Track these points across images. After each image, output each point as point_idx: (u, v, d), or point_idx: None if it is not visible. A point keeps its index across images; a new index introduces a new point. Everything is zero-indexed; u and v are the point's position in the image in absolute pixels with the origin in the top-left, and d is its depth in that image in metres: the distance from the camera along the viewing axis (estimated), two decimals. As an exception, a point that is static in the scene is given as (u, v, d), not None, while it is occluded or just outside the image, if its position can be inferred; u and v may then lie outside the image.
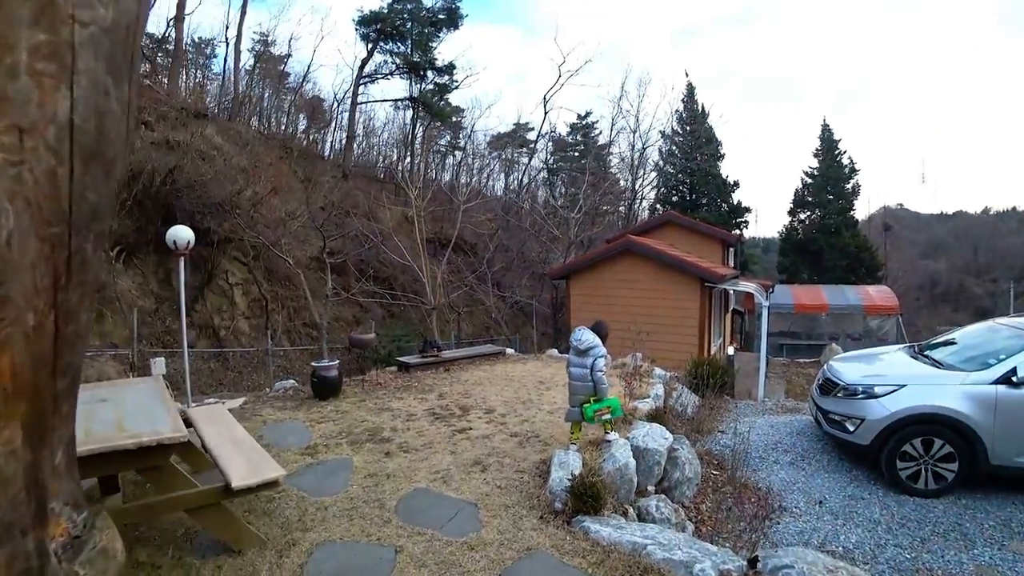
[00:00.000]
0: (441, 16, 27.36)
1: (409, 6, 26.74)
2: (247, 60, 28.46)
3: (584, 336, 4.47)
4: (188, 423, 4.31)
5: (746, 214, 33.15)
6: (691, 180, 32.64)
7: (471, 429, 5.28)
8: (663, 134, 33.59)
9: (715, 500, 4.79)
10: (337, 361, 6.94)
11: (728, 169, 48.78)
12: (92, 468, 2.83)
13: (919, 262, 47.13)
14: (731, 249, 17.40)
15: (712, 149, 32.76)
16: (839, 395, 5.45)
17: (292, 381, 7.85)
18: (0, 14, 1.08)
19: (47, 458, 1.36)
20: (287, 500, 3.85)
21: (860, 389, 5.26)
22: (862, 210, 40.14)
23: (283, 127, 28.75)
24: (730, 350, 11.20)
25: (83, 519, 1.48)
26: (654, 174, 33.44)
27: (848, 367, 5.89)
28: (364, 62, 27.08)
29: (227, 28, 26.26)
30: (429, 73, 28.11)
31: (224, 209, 13.48)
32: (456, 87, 29.15)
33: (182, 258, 6.32)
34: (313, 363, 6.85)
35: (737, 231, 30.87)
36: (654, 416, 5.59)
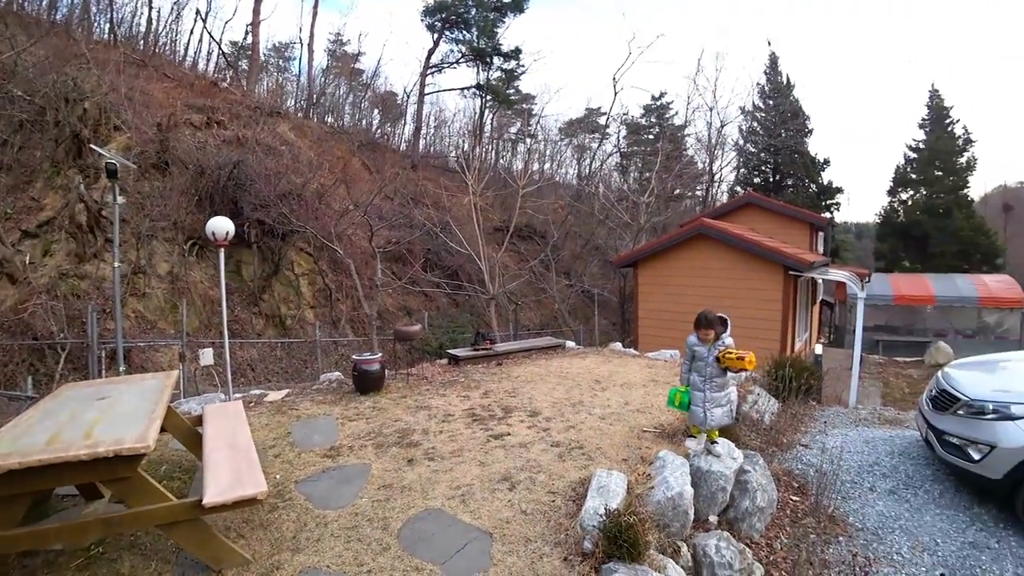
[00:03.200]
0: (505, 1, 26.78)
1: (473, -7, 26.42)
2: (321, 60, 29.33)
3: None
4: (201, 421, 4.09)
5: (837, 195, 30.34)
6: (775, 159, 30.17)
7: (509, 435, 4.74)
8: (743, 110, 31.21)
9: (793, 536, 3.95)
10: (380, 354, 6.60)
11: (817, 146, 45.13)
12: (50, 479, 2.54)
13: (1047, 248, 41.36)
14: (820, 234, 15.70)
15: (798, 124, 30.03)
16: (960, 413, 4.34)
17: (338, 373, 7.65)
18: None
19: None
20: (290, 511, 3.49)
21: (990, 407, 4.13)
22: (978, 188, 35.65)
23: (356, 122, 29.40)
24: (818, 348, 9.95)
25: None
26: (733, 154, 31.21)
27: (971, 377, 4.73)
28: (431, 52, 27.08)
29: (300, 30, 27.16)
30: (495, 59, 27.72)
31: (288, 202, 13.69)
32: (523, 72, 28.62)
33: (222, 249, 6.23)
34: (354, 356, 6.57)
35: (827, 214, 28.21)
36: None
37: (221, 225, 6.01)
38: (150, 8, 21.64)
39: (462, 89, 30.13)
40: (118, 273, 6.53)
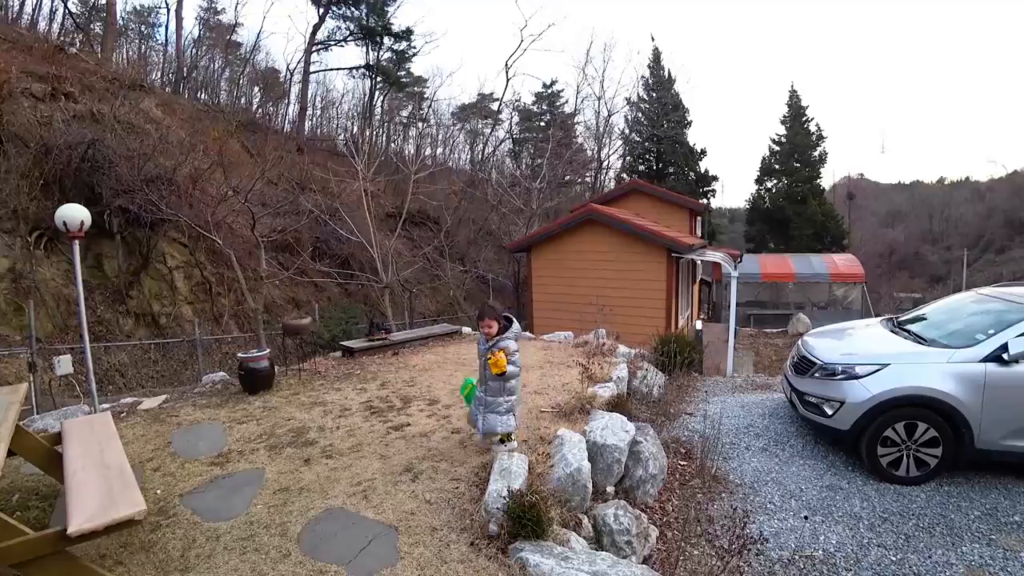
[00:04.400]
0: (397, -22, 25.90)
1: (362, -33, 25.25)
2: (192, 29, 26.67)
3: None
4: (60, 440, 3.62)
5: (713, 183, 32.96)
6: (658, 148, 32.09)
7: (409, 425, 4.68)
8: (629, 101, 32.86)
9: (683, 497, 4.31)
10: (267, 351, 6.22)
11: (695, 137, 48.61)
12: None
13: (879, 230, 48.07)
14: (699, 218, 17.00)
15: (679, 116, 32.14)
16: (816, 375, 4.97)
17: (222, 374, 7.11)
18: None
19: None
20: (175, 528, 3.21)
21: (840, 369, 4.78)
22: (828, 179, 40.35)
23: (235, 99, 27.12)
24: (698, 324, 10.80)
25: None
26: (620, 142, 32.80)
27: (825, 344, 5.41)
28: (316, 28, 25.58)
29: None
30: (386, 39, 26.75)
31: (158, 187, 12.36)
32: (415, 54, 27.95)
33: (76, 241, 5.49)
34: (240, 354, 6.14)
35: (704, 200, 30.62)
36: (616, 403, 5.08)
37: (74, 213, 5.29)
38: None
39: (350, 69, 28.95)
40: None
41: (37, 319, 10.62)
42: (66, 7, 21.31)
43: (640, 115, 33.04)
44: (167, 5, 24.73)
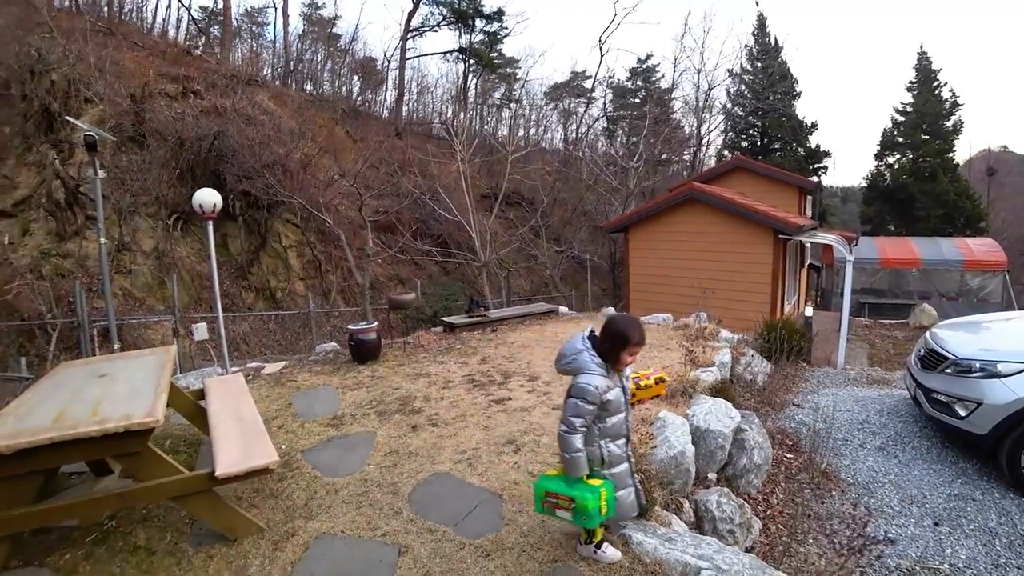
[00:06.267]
0: (487, -40, 25.96)
1: (452, -49, 25.56)
2: (296, 25, 28.34)
3: (567, 345, 2.52)
4: (203, 395, 4.08)
5: (824, 159, 30.32)
6: (763, 122, 29.92)
7: (510, 399, 4.80)
8: (731, 72, 30.74)
9: (788, 491, 4.09)
10: (375, 323, 6.60)
11: (804, 109, 44.99)
12: (59, 457, 2.54)
13: (1025, 211, 42.03)
14: (808, 197, 15.76)
15: (786, 87, 29.67)
16: (948, 371, 4.46)
17: (334, 344, 7.65)
18: None
19: None
20: (299, 479, 3.53)
21: (977, 366, 4.24)
22: (963, 152, 35.86)
23: (336, 89, 28.63)
24: (808, 310, 10.10)
25: None
26: (721, 117, 30.87)
27: (959, 337, 4.84)
28: (410, 15, 26.26)
29: None
30: (478, 22, 26.97)
31: (273, 172, 13.42)
32: (507, 35, 27.94)
33: (210, 222, 6.10)
34: (350, 326, 6.56)
35: (815, 177, 28.27)
36: (719, 389, 4.90)
37: (208, 197, 5.86)
38: (112, -29, 20.65)
39: (444, 53, 29.43)
40: (104, 250, 6.39)
41: (177, 292, 12.03)
42: (190, 14, 23.51)
43: (743, 87, 30.96)
44: (275, 5, 26.43)
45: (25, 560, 2.71)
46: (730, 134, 31.53)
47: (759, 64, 30.55)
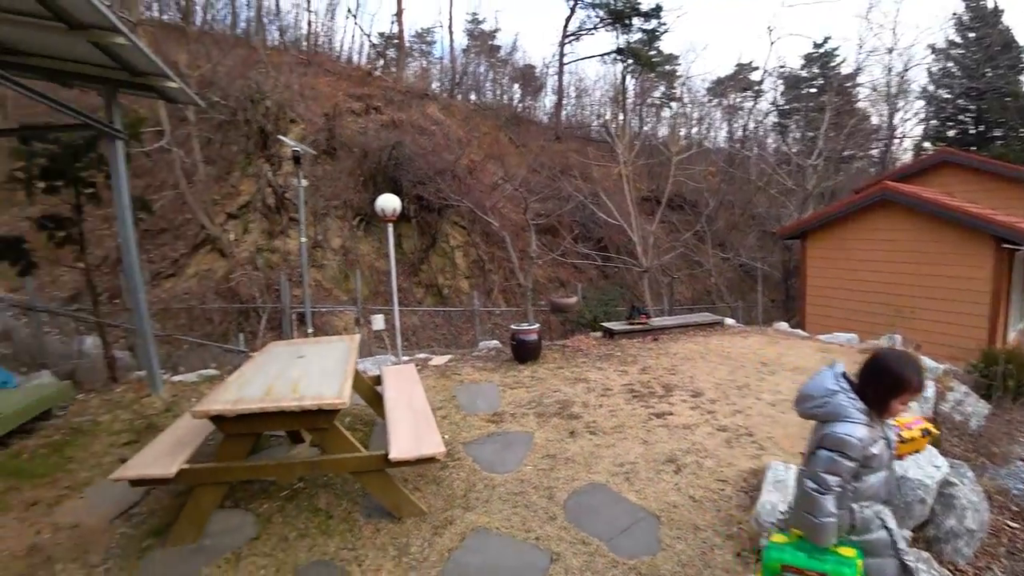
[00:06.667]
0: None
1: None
2: (461, 41, 30.22)
3: (813, 384, 2.06)
4: (379, 381, 4.46)
5: (1067, 148, 24.03)
6: (978, 106, 24.26)
7: (671, 414, 4.53)
8: (934, 48, 25.44)
9: (1011, 571, 3.25)
10: (537, 325, 6.70)
11: (1036, 85, 36.02)
12: (266, 424, 2.93)
13: None
14: (1046, 198, 12.57)
15: (1011, 59, 23.47)
16: None
17: (495, 342, 7.94)
18: None
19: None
20: (459, 470, 3.68)
21: None
22: None
23: (498, 97, 29.98)
24: (1049, 337, 8.10)
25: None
26: (921, 103, 25.86)
27: None
28: (567, 20, 26.46)
29: (440, 13, 28.24)
30: (635, 20, 26.23)
31: (443, 177, 14.44)
32: (665, 31, 26.74)
33: (390, 224, 6.72)
34: (512, 326, 6.74)
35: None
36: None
37: (390, 202, 6.47)
38: (308, 12, 23.96)
39: (602, 55, 29.10)
40: (305, 247, 7.37)
41: (359, 285, 13.54)
42: (370, 40, 26.75)
43: (951, 64, 25.60)
44: (441, 24, 28.53)
45: (235, 503, 3.23)
46: (932, 122, 26.28)
47: (972, 35, 25.00)
